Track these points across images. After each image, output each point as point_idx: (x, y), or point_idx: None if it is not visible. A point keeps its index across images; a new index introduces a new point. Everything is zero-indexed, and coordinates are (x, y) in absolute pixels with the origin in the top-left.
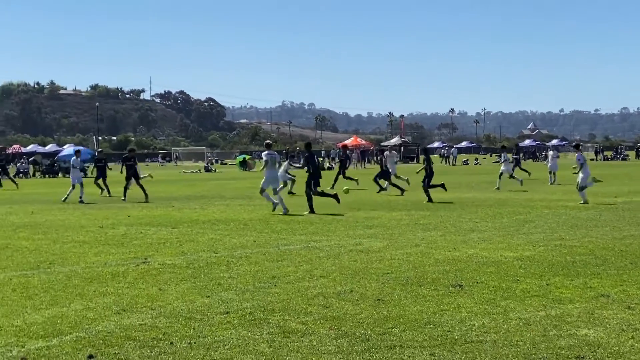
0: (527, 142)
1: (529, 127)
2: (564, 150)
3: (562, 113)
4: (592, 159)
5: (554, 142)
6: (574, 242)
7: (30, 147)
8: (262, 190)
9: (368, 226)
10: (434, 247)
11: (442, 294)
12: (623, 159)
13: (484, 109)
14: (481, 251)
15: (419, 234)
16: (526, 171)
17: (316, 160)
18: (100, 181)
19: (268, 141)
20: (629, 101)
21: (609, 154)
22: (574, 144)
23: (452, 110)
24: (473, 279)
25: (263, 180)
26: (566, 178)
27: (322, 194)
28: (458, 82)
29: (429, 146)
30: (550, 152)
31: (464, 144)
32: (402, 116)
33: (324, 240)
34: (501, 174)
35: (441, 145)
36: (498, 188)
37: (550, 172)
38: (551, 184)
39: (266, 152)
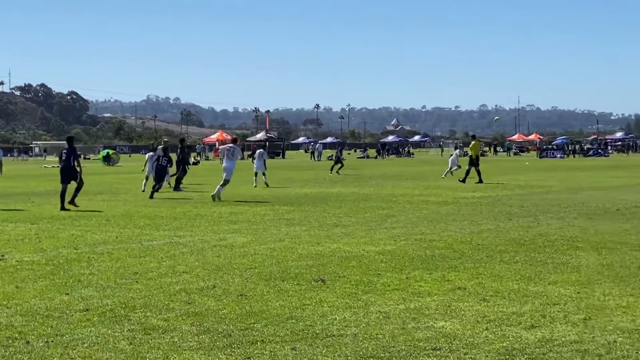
0: (390, 138)
1: (392, 123)
2: (427, 146)
3: (424, 110)
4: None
5: (416, 138)
6: (433, 237)
7: None
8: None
9: (232, 221)
10: (298, 242)
11: (305, 289)
12: (482, 155)
13: (349, 105)
14: (344, 246)
15: (283, 229)
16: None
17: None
18: None
19: (234, 136)
20: (487, 98)
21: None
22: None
23: (317, 106)
24: (335, 274)
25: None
26: (433, 173)
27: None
28: (324, 78)
29: (293, 141)
30: (457, 151)
31: (329, 139)
32: (267, 111)
33: (187, 235)
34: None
35: (306, 141)
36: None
37: (450, 169)
38: (444, 176)
39: (229, 145)
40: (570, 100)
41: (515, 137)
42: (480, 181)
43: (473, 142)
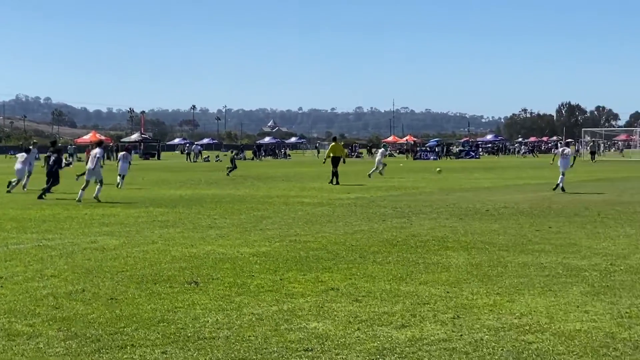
0: (267, 139)
1: (269, 124)
2: (304, 148)
3: (300, 111)
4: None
5: (293, 139)
6: (308, 238)
7: None
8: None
9: (104, 223)
10: (171, 245)
11: (178, 292)
12: (357, 157)
13: (225, 107)
14: (218, 247)
15: (157, 231)
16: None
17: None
18: None
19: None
20: (363, 101)
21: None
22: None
23: (193, 107)
24: (209, 276)
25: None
26: (309, 175)
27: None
28: (200, 80)
29: (169, 142)
30: (381, 150)
31: (205, 140)
32: (142, 112)
33: (57, 238)
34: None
35: (182, 142)
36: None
37: (377, 168)
38: (369, 175)
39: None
40: (443, 103)
41: (390, 138)
42: (337, 182)
43: (333, 145)
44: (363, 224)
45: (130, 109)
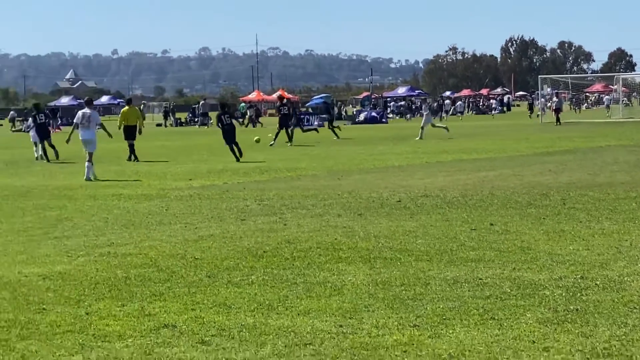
0: (64, 100)
1: (68, 77)
2: None
3: (115, 56)
4: (160, 124)
5: (105, 99)
6: (129, 249)
7: None
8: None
9: None
10: None
11: None
12: (202, 124)
13: None
14: None
15: None
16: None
17: None
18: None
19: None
20: (211, 39)
21: (183, 116)
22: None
23: None
24: None
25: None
26: (126, 152)
27: None
28: None
29: None
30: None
31: None
32: None
33: None
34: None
35: None
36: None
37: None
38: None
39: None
40: (332, 42)
41: (252, 95)
42: (135, 159)
43: (126, 109)
44: (212, 225)
45: None
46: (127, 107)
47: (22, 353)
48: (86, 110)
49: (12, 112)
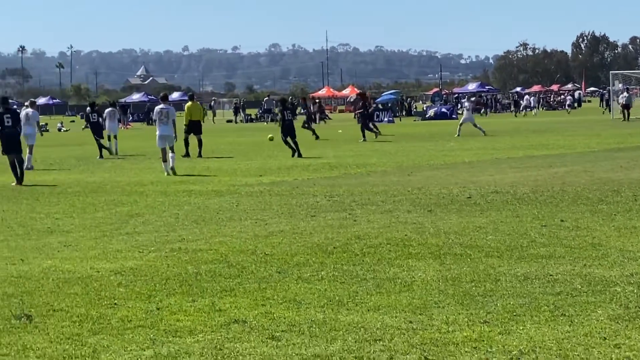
0: (136, 96)
1: (139, 73)
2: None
3: (186, 52)
4: (230, 121)
5: (176, 95)
6: (199, 245)
7: None
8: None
9: None
10: None
11: (0, 331)
12: (273, 120)
13: (71, 47)
14: (63, 262)
15: None
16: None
17: None
18: None
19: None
20: (281, 36)
21: (253, 112)
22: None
23: (22, 48)
24: (48, 306)
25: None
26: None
27: None
28: (30, 8)
29: None
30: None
31: (42, 100)
32: None
33: None
34: None
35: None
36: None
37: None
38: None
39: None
40: (402, 38)
41: (322, 92)
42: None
43: (190, 104)
44: (282, 221)
45: None
46: (190, 103)
47: (93, 347)
48: (163, 105)
49: (88, 109)
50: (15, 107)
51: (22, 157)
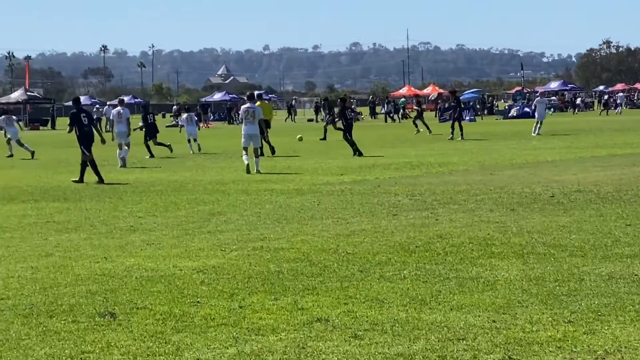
0: (217, 96)
1: (220, 72)
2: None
3: (267, 52)
4: (311, 119)
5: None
6: (281, 243)
7: None
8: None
9: None
10: (74, 257)
11: (85, 328)
12: (356, 120)
13: (153, 47)
14: (145, 261)
15: (52, 238)
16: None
17: None
18: None
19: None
20: (361, 34)
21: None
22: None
23: (104, 48)
24: (132, 303)
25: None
26: (282, 147)
27: None
28: (113, 8)
29: (68, 103)
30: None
31: (125, 99)
32: (27, 58)
33: None
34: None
35: (89, 102)
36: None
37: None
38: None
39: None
40: (483, 36)
41: (403, 90)
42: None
43: (258, 104)
44: (364, 220)
45: (8, 53)
46: (259, 102)
47: (177, 345)
48: (249, 104)
49: (175, 107)
50: (97, 106)
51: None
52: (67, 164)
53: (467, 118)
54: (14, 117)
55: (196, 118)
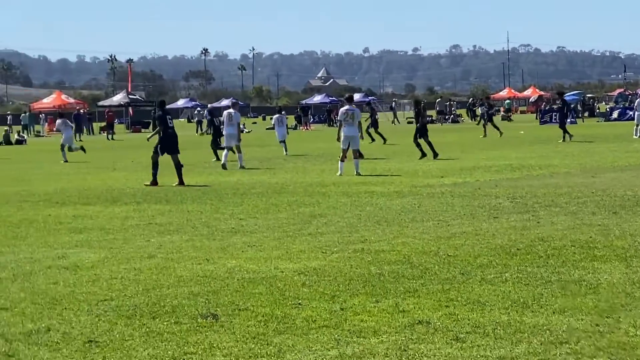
0: (317, 98)
1: (320, 75)
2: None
3: (366, 54)
4: (411, 122)
5: (357, 97)
6: (382, 245)
7: None
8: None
9: (77, 229)
10: (177, 259)
11: (188, 329)
12: (454, 121)
13: (253, 49)
14: (247, 262)
15: (154, 240)
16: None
17: None
18: None
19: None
20: (462, 37)
21: (432, 113)
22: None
23: (205, 51)
24: (234, 305)
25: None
26: (382, 150)
27: None
28: (213, 11)
29: (170, 105)
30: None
31: (224, 102)
32: (129, 61)
33: (8, 252)
34: None
35: (190, 104)
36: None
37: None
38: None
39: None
40: (584, 38)
41: (503, 92)
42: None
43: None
44: (465, 223)
45: (110, 56)
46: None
47: (278, 347)
48: (348, 106)
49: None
50: (198, 108)
51: (178, 158)
52: (169, 166)
53: (569, 120)
54: (68, 121)
55: (286, 120)
